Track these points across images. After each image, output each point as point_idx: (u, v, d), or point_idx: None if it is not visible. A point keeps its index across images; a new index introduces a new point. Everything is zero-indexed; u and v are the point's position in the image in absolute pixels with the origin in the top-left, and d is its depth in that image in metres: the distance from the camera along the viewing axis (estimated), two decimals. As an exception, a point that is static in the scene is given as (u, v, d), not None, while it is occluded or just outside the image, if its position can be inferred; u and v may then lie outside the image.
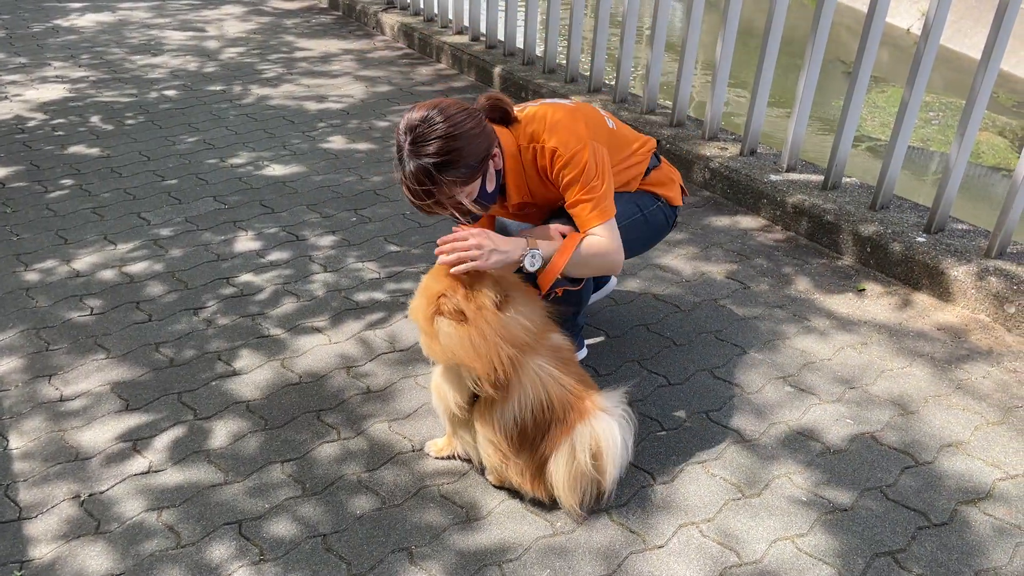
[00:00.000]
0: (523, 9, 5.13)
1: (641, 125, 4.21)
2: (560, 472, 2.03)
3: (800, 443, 2.36)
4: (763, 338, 2.83)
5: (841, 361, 2.71)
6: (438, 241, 2.08)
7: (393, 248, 3.41)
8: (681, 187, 2.64)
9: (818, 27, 3.35)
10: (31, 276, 3.19)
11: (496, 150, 2.18)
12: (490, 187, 2.20)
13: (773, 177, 3.63)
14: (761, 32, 3.63)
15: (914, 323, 2.92)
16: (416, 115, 2.05)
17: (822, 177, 3.59)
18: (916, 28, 10.04)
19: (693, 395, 2.56)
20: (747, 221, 3.61)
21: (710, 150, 3.91)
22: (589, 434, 2.00)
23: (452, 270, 2.01)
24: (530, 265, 2.15)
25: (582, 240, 2.20)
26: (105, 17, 6.77)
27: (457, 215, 2.17)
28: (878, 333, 2.86)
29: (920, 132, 7.14)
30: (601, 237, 2.21)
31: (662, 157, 2.63)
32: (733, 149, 3.91)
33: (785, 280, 3.18)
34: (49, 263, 3.27)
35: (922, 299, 3.05)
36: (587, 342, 2.77)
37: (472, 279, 2.02)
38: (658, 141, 2.65)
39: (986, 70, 2.88)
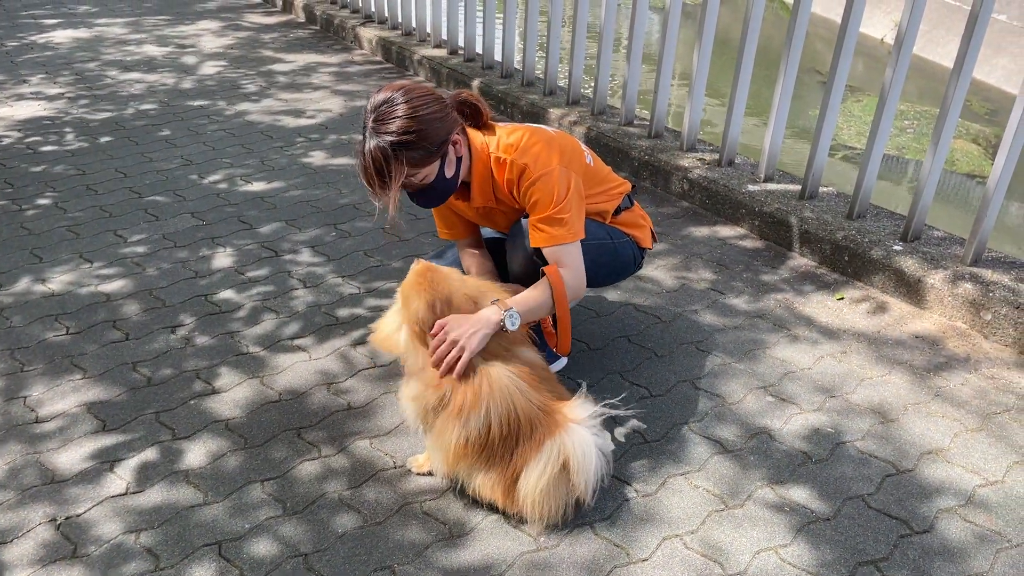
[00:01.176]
0: (501, 22, 5.15)
1: (619, 137, 4.23)
2: (528, 487, 2.02)
3: (782, 453, 2.37)
4: (744, 348, 2.84)
5: (821, 370, 2.73)
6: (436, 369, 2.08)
7: (373, 263, 3.39)
8: (652, 232, 2.68)
9: (793, 38, 3.39)
10: (5, 297, 3.14)
11: (458, 137, 2.24)
12: (448, 172, 2.26)
13: (751, 187, 3.65)
14: (736, 42, 3.66)
15: (892, 331, 2.94)
16: (381, 96, 2.16)
17: (799, 187, 3.61)
18: (890, 38, 10.18)
19: (675, 406, 2.56)
20: (726, 231, 3.63)
21: (688, 161, 3.93)
22: (559, 449, 2.00)
23: (454, 375, 2.04)
24: (511, 325, 2.12)
25: (555, 278, 2.22)
26: (81, 33, 6.73)
27: (412, 197, 2.28)
28: (857, 341, 2.88)
29: (895, 140, 7.22)
30: (567, 268, 2.26)
31: (635, 201, 2.66)
32: (711, 160, 3.94)
33: (764, 289, 3.19)
34: (23, 282, 3.23)
35: (900, 307, 3.07)
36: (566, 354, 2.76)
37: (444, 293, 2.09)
38: (634, 183, 2.68)
39: (958, 80, 2.92)
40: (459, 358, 2.03)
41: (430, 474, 2.29)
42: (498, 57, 5.41)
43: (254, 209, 3.84)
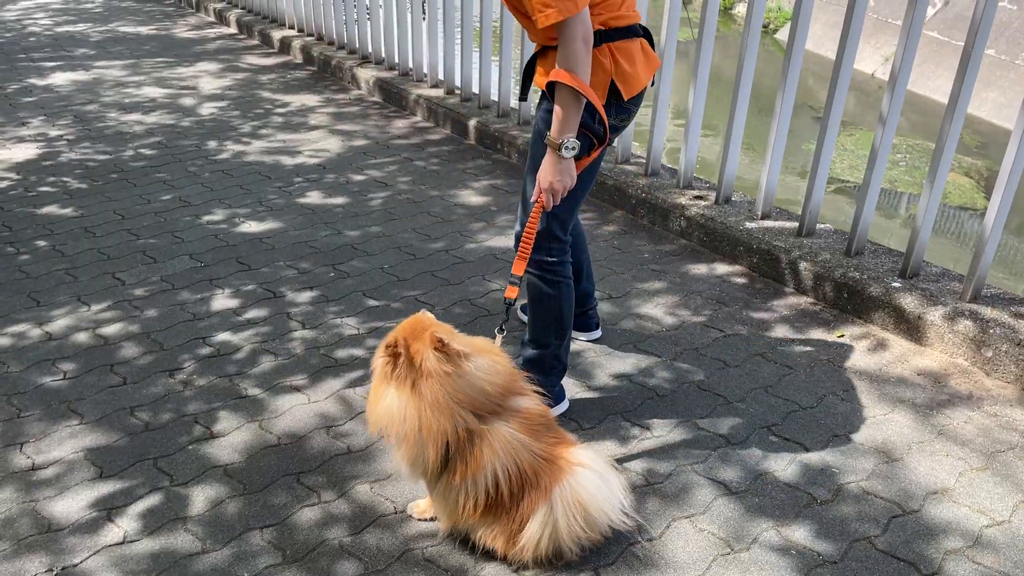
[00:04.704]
0: (497, 62, 5.20)
1: (616, 175, 4.26)
2: (533, 535, 1.99)
3: (787, 494, 2.35)
4: (746, 387, 2.83)
5: (824, 409, 2.71)
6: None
7: (372, 303, 3.39)
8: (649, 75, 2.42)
9: (787, 78, 3.42)
10: (2, 340, 3.13)
11: None
12: None
13: (749, 225, 3.66)
14: (729, 78, 3.70)
15: (894, 368, 2.93)
16: None
17: (797, 224, 3.63)
18: (880, 72, 10.32)
19: (677, 448, 2.54)
20: (724, 268, 3.64)
21: (685, 199, 3.95)
22: (569, 494, 1.98)
23: (546, 205, 2.30)
24: (568, 153, 2.21)
25: (561, 76, 2.14)
26: (80, 76, 6.78)
27: None
28: (859, 380, 2.87)
29: (888, 174, 7.30)
30: (560, 46, 2.14)
31: (647, 47, 2.41)
32: (708, 197, 3.96)
33: (765, 327, 3.19)
34: (21, 326, 3.22)
35: (900, 344, 3.07)
36: (569, 396, 2.75)
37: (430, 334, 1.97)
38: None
39: (952, 118, 2.95)
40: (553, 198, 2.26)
41: (432, 519, 2.26)
42: (495, 96, 5.46)
43: (252, 250, 3.84)
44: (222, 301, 3.40)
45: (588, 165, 2.40)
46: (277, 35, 7.57)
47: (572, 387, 2.82)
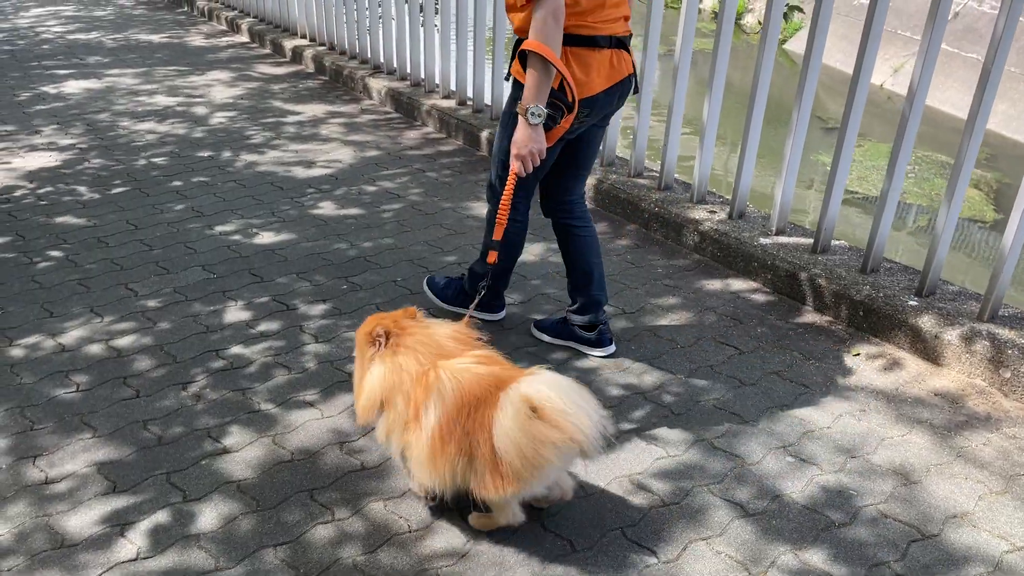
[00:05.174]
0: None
1: (629, 189, 4.25)
2: (500, 436, 1.95)
3: (805, 516, 2.33)
4: (761, 406, 2.81)
5: (841, 429, 2.69)
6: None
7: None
8: (621, 79, 2.66)
9: (803, 92, 3.41)
10: (16, 352, 3.13)
11: None
12: None
13: (763, 240, 3.65)
14: (738, 87, 3.68)
15: (911, 388, 2.91)
16: None
17: (812, 240, 3.61)
18: (889, 84, 10.31)
19: (693, 467, 2.52)
20: (739, 284, 3.62)
21: (699, 213, 3.93)
22: (516, 394, 1.93)
23: (518, 171, 2.54)
24: (534, 119, 2.43)
25: (530, 45, 2.37)
26: (93, 84, 6.81)
27: None
28: (876, 399, 2.85)
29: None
30: (534, 23, 2.38)
31: (622, 53, 2.63)
32: (722, 212, 3.94)
33: (780, 345, 3.17)
34: (34, 338, 3.22)
35: (917, 364, 3.05)
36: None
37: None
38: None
39: (971, 134, 2.93)
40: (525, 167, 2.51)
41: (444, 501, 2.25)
42: (507, 108, 5.45)
43: (265, 261, 3.84)
44: (235, 313, 3.40)
45: (549, 152, 2.64)
46: (289, 44, 7.59)
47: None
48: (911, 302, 3.15)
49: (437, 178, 4.87)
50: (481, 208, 4.45)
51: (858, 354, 3.10)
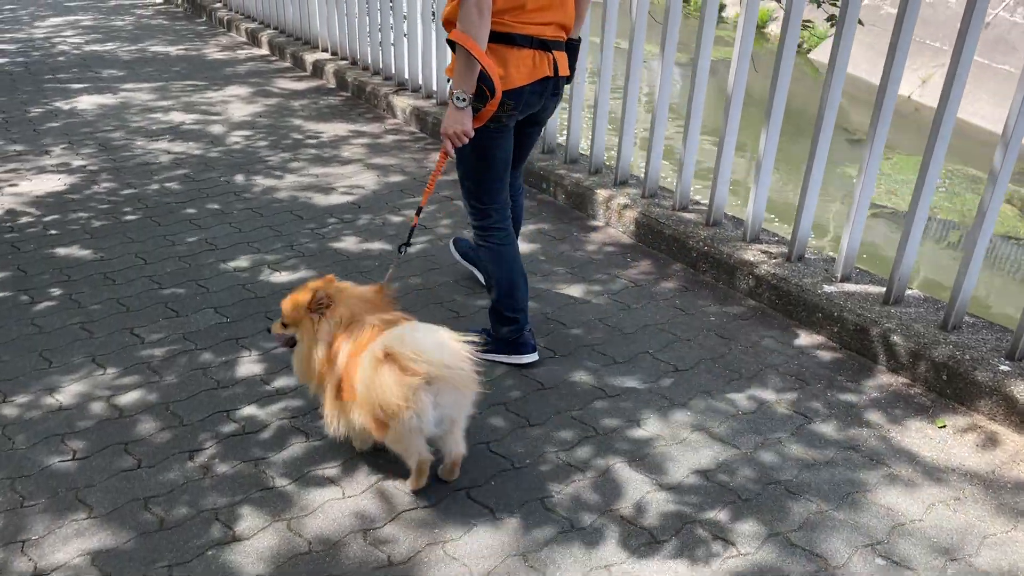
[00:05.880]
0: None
1: (674, 224, 3.92)
2: (363, 390, 2.23)
3: (904, 638, 2.00)
4: (841, 490, 2.47)
5: (935, 522, 2.35)
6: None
7: (412, 372, 3.07)
8: (552, 73, 2.82)
9: (878, 125, 3.08)
10: (9, 410, 2.85)
11: None
12: None
13: (827, 288, 3.31)
14: (760, 97, 3.36)
15: (1009, 471, 2.57)
16: None
17: (882, 289, 3.27)
18: (916, 95, 9.98)
19: (768, 569, 2.19)
20: (802, 338, 3.29)
21: (753, 254, 3.61)
22: (376, 344, 2.22)
23: (447, 149, 2.75)
24: (459, 102, 2.60)
25: (454, 35, 2.57)
26: (107, 99, 6.56)
27: None
28: (970, 484, 2.51)
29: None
30: (460, 13, 2.55)
31: (546, 55, 2.77)
32: (778, 253, 3.61)
33: (854, 413, 2.83)
34: (31, 393, 2.94)
35: (1014, 440, 2.70)
36: (639, 494, 2.41)
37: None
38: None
39: (1006, 148, 2.60)
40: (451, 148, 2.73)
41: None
42: (539, 131, 5.14)
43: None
44: (248, 366, 3.11)
45: (488, 143, 2.82)
46: (310, 58, 7.33)
47: (640, 483, 2.49)
48: (1003, 366, 2.80)
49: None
50: (522, 241, 4.13)
51: (944, 425, 2.76)
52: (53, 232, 4.22)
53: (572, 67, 2.93)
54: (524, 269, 3.06)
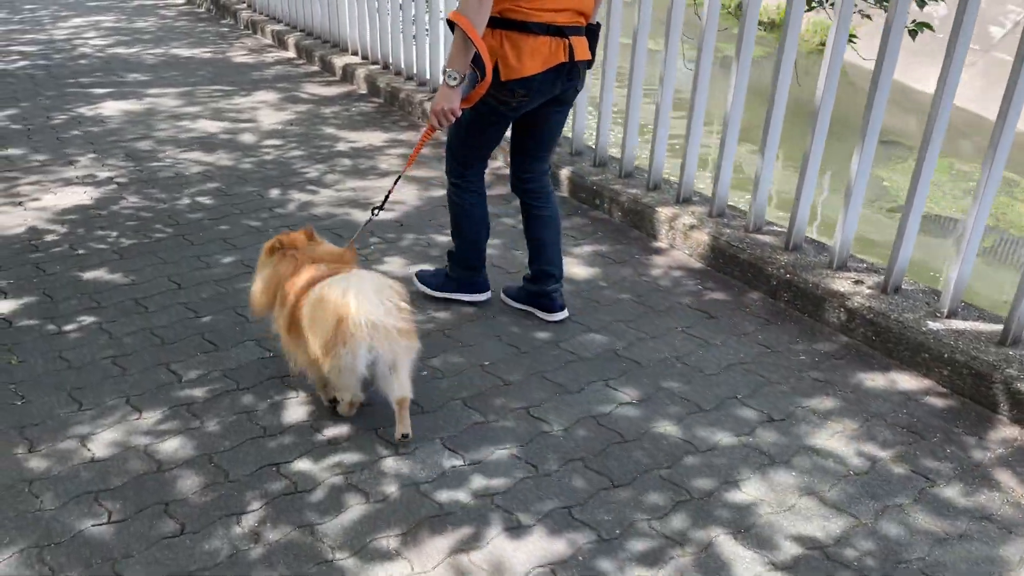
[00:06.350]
0: (592, 104, 4.59)
1: (749, 247, 3.61)
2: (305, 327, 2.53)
3: None
4: (981, 570, 2.16)
5: (1100, 615, 2.04)
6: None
7: (476, 418, 2.78)
8: (563, 63, 2.86)
9: (996, 152, 2.76)
10: (37, 462, 2.57)
11: None
12: None
13: (933, 325, 3.00)
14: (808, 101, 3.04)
15: None
16: None
17: (996, 327, 2.95)
18: (958, 99, 9.67)
19: (916, 675, 1.89)
20: (907, 381, 2.97)
21: (843, 284, 3.29)
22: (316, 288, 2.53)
23: (434, 124, 2.83)
24: (451, 81, 2.70)
25: (453, 15, 2.64)
26: (132, 105, 6.31)
27: None
28: None
29: (962, 203, 7.00)
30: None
31: (562, 41, 2.81)
32: (871, 283, 3.29)
33: (981, 474, 2.52)
34: (60, 441, 2.67)
35: None
36: (751, 573, 2.11)
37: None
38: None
39: None
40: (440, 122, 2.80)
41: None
42: (589, 142, 4.85)
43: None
44: (295, 410, 2.83)
45: (489, 123, 2.98)
46: (339, 62, 7.05)
47: (750, 562, 2.19)
48: None
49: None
50: (572, 267, 3.85)
51: (1086, 490, 2.45)
52: (80, 252, 3.96)
53: (593, 51, 2.97)
54: (488, 222, 3.30)
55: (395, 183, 3.13)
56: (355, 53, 7.17)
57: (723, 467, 2.54)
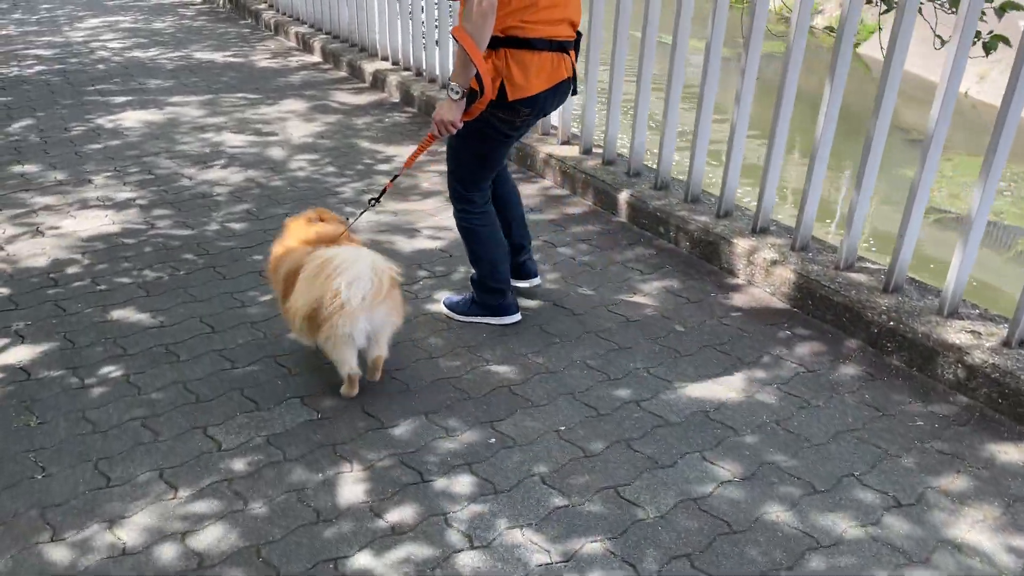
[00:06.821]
0: (652, 121, 4.23)
1: (841, 288, 3.26)
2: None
3: None
4: None
5: None
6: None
7: (558, 501, 2.43)
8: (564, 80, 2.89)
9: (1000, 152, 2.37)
10: (60, 553, 2.25)
11: None
12: None
13: (1073, 389, 2.63)
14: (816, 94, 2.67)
15: None
16: None
17: None
18: (973, 91, 9.47)
19: None
20: (1046, 455, 2.61)
21: (958, 335, 2.93)
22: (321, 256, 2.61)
23: (435, 133, 2.86)
24: (453, 94, 2.72)
25: (454, 32, 2.64)
26: (152, 116, 5.98)
27: None
28: None
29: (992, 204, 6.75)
30: (465, 11, 2.62)
31: (563, 57, 2.83)
32: (990, 333, 2.93)
33: None
34: (87, 527, 2.34)
35: None
36: None
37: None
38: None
39: None
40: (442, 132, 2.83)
41: None
42: (650, 163, 4.49)
43: (380, 391, 2.92)
44: (351, 488, 2.49)
45: (492, 146, 2.98)
46: (369, 68, 6.70)
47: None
48: None
49: (573, 255, 3.92)
50: (640, 308, 3.50)
51: None
52: (102, 288, 3.64)
53: (574, 64, 2.94)
54: (504, 241, 3.20)
55: (392, 180, 3.21)
56: (385, 58, 6.82)
57: (851, 568, 2.19)
